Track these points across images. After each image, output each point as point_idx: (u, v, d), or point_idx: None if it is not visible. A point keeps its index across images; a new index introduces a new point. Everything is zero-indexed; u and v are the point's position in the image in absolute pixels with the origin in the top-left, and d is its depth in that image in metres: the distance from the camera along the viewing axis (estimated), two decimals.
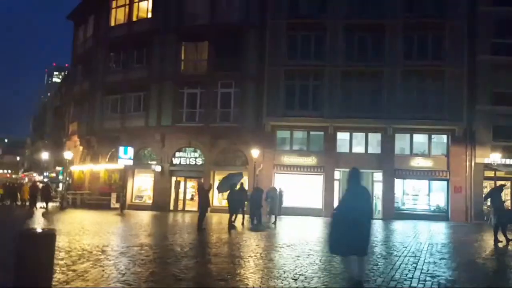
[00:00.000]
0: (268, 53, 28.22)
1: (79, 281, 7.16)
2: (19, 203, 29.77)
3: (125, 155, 27.74)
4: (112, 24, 33.46)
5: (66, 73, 58.01)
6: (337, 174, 27.13)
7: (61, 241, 11.90)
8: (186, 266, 8.96)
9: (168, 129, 29.36)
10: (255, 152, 25.88)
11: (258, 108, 28.03)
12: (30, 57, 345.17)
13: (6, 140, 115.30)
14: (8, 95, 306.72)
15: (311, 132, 28.27)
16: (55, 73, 76.45)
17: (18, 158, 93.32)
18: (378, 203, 26.47)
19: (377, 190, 26.80)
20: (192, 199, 28.56)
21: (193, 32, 29.64)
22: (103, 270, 8.10)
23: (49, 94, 75.75)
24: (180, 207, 29.23)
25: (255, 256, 10.57)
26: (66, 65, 69.09)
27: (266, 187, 22.38)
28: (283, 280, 7.71)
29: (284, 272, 8.38)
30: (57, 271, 7.75)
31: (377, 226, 20.20)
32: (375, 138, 27.64)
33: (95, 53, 34.05)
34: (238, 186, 18.28)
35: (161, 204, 28.31)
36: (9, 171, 77.06)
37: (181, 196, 29.68)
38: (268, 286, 7.25)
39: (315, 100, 27.78)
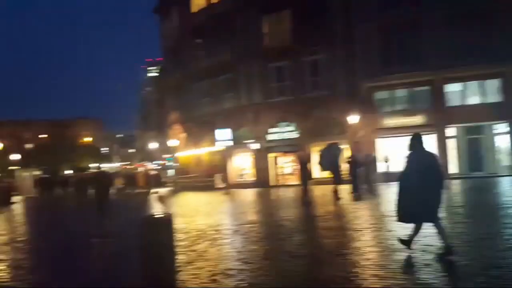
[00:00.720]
0: (356, 9, 26.70)
1: (201, 261, 7.59)
2: (137, 190, 32.54)
3: (223, 137, 28.81)
4: (194, 10, 34.42)
5: (160, 66, 61.31)
6: (450, 131, 25.29)
7: (179, 223, 12.84)
8: (300, 242, 9.05)
9: (260, 106, 29.80)
10: (352, 118, 25.08)
11: (350, 72, 26.84)
12: (126, 54, 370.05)
13: (121, 135, 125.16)
14: (115, 92, 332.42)
15: (415, 89, 26.27)
16: (151, 68, 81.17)
17: (132, 150, 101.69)
18: (503, 159, 24.30)
19: (502, 143, 24.49)
20: (291, 173, 28.86)
21: (273, 2, 29.24)
22: (220, 249, 8.60)
23: (148, 88, 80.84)
24: (280, 182, 29.75)
25: (370, 227, 10.10)
26: (157, 59, 72.92)
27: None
28: (411, 252, 6.89)
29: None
30: (179, 252, 8.37)
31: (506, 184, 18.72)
32: (493, 85, 25.01)
33: (182, 42, 35.48)
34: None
35: (262, 180, 29.08)
36: (127, 162, 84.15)
37: (280, 171, 30.19)
38: (393, 260, 6.71)
39: (415, 52, 25.24)
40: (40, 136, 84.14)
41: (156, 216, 6.40)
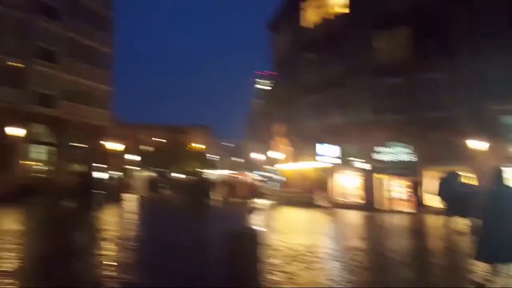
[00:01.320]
0: (483, 25, 24.34)
1: (289, 284, 7.20)
2: (238, 199, 33.06)
3: (326, 153, 28.06)
4: (307, 25, 34.58)
5: (269, 79, 62.55)
6: None
7: (273, 239, 12.55)
8: (405, 278, 8.25)
9: (369, 123, 28.53)
10: (477, 144, 22.71)
11: (474, 92, 24.47)
12: (239, 64, 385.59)
13: (231, 144, 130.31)
14: (228, 104, 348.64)
15: None
16: (261, 80, 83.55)
17: (238, 159, 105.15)
18: None
19: None
20: (403, 199, 26.96)
21: (389, 18, 28.04)
22: (313, 275, 8.04)
23: (256, 100, 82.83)
24: (388, 206, 28.04)
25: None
26: (266, 71, 74.63)
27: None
28: None
29: None
30: (269, 271, 7.98)
31: None
32: None
33: (293, 56, 35.74)
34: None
35: (367, 203, 27.70)
36: (233, 171, 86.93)
37: (387, 194, 28.46)
38: None
39: None
40: (155, 139, 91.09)
41: (240, 230, 6.29)
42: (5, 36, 28.61)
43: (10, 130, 26.08)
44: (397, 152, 28.25)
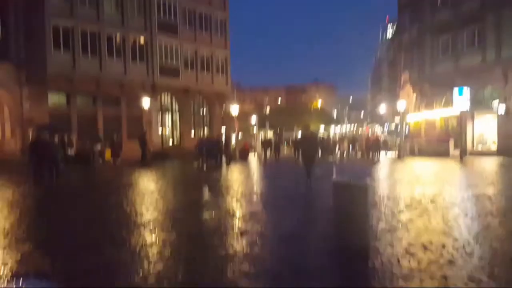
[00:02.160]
0: None
1: (402, 231, 6.74)
2: (359, 154, 32.06)
3: (461, 98, 25.32)
4: None
5: (394, 24, 58.20)
6: None
7: (394, 190, 11.88)
8: None
9: (511, 62, 24.84)
10: None
11: None
12: (365, 14, 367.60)
13: (351, 98, 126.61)
14: (347, 57, 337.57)
15: None
16: (389, 25, 78.00)
17: (362, 113, 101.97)
18: None
19: None
20: None
21: None
22: (428, 221, 7.34)
23: (381, 48, 78.27)
24: None
25: None
26: (389, 16, 69.55)
27: None
28: None
29: None
30: (383, 220, 7.59)
31: None
32: None
33: None
34: None
35: (507, 149, 24.52)
36: (355, 125, 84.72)
37: None
38: None
39: None
40: (276, 100, 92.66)
41: (348, 183, 5.87)
42: (129, 13, 30.97)
43: (143, 102, 28.58)
44: None
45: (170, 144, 34.21)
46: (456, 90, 25.86)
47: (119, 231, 7.08)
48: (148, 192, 12.38)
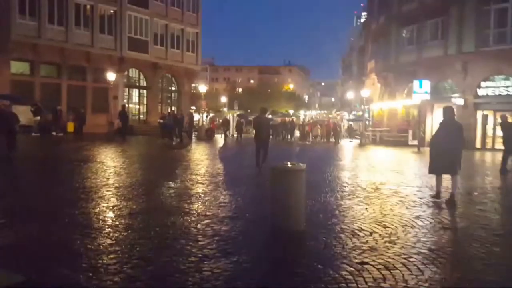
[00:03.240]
0: None
1: (338, 217, 7.13)
2: (322, 139, 32.79)
3: (421, 89, 26.13)
4: None
5: (365, 13, 58.76)
6: None
7: (343, 177, 12.35)
8: (462, 214, 7.72)
9: (471, 55, 25.75)
10: None
11: None
12: (340, 1, 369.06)
13: (322, 84, 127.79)
14: (321, 42, 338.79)
15: None
16: (363, 13, 78.44)
17: (332, 99, 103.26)
18: None
19: None
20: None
21: None
22: (365, 209, 7.76)
23: (355, 35, 78.97)
24: (489, 145, 25.73)
25: None
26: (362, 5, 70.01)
27: None
28: None
29: None
30: (324, 206, 7.97)
31: None
32: None
33: None
34: None
35: (465, 141, 25.53)
36: (325, 111, 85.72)
37: (489, 132, 26.02)
38: None
39: None
40: (249, 81, 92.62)
41: (285, 167, 6.14)
42: None
43: (108, 75, 28.11)
44: (501, 86, 25.37)
45: (136, 119, 33.88)
46: (416, 82, 26.59)
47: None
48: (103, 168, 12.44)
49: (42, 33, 27.20)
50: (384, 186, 10.46)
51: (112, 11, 31.14)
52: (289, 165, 6.24)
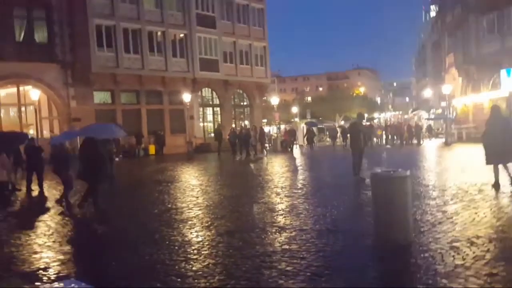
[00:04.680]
0: None
1: (447, 224, 6.57)
2: (403, 142, 31.30)
3: (509, 79, 24.05)
4: None
5: (437, 6, 55.89)
6: None
7: (439, 179, 11.58)
8: None
9: None
10: None
11: None
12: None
13: (394, 84, 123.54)
14: (389, 41, 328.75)
15: None
16: (432, 7, 74.96)
17: (407, 99, 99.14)
18: None
19: None
20: None
21: None
22: (475, 213, 7.10)
23: (427, 30, 75.55)
24: None
25: None
26: None
27: None
28: None
29: None
30: (428, 212, 7.45)
31: None
32: None
33: None
34: None
35: None
36: (400, 112, 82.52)
37: None
38: None
39: None
40: (318, 89, 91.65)
41: (388, 174, 5.74)
42: (168, 9, 31.41)
43: (184, 97, 29.08)
44: None
45: (212, 137, 34.62)
46: (504, 71, 24.56)
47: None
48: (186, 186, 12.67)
49: (120, 63, 28.83)
50: (487, 186, 9.58)
51: (182, 35, 32.31)
52: (392, 172, 5.82)
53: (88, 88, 27.36)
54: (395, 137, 32.50)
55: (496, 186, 9.19)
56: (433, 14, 67.14)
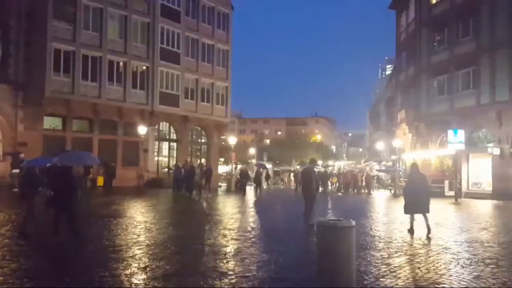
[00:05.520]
0: None
1: (390, 278, 6.52)
2: (354, 190, 31.97)
3: (455, 139, 25.39)
4: (433, 1, 31.56)
5: (392, 64, 59.08)
6: None
7: (386, 230, 11.68)
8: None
9: (505, 105, 25.03)
10: None
11: None
12: (364, 52, 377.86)
13: (350, 134, 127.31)
14: (347, 93, 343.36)
15: None
16: (388, 66, 79.35)
17: (360, 150, 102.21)
18: None
19: None
20: None
21: None
22: (418, 268, 7.12)
23: (382, 86, 79.32)
24: None
25: None
26: (388, 57, 70.83)
27: None
28: None
29: None
30: (372, 264, 7.40)
31: None
32: None
33: (418, 36, 32.93)
34: None
35: (502, 192, 24.32)
36: (353, 161, 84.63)
37: None
38: None
39: None
40: (277, 133, 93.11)
41: (333, 223, 5.65)
42: (132, 40, 31.25)
43: (139, 129, 28.51)
44: None
45: (166, 172, 33.91)
46: (451, 132, 25.92)
47: None
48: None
49: (76, 89, 28.04)
50: (431, 241, 9.73)
51: (144, 67, 32.09)
52: (337, 221, 5.74)
53: (38, 112, 26.30)
54: (348, 186, 33.17)
55: (411, 231, 10.76)
56: (388, 72, 70.86)
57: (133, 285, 5.86)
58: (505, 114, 25.20)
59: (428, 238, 10.08)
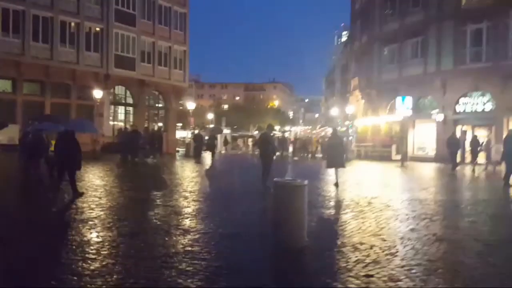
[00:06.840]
0: None
1: (338, 231, 7.32)
2: (309, 155, 33.13)
3: (403, 105, 26.78)
4: None
5: (347, 32, 60.00)
6: None
7: (333, 191, 12.53)
8: (448, 226, 7.95)
9: (449, 73, 26.59)
10: None
11: None
12: (323, 19, 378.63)
13: (306, 100, 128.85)
14: (304, 59, 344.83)
15: None
16: (343, 32, 79.99)
17: (316, 115, 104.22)
18: None
19: None
20: (480, 150, 24.95)
21: None
22: (362, 223, 7.92)
23: (337, 53, 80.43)
24: (468, 159, 26.29)
25: None
26: (344, 24, 71.72)
27: None
28: None
29: None
30: (322, 220, 8.16)
31: None
32: None
33: (372, 5, 33.71)
34: None
35: (445, 156, 26.12)
36: (309, 127, 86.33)
37: (468, 147, 26.65)
38: None
39: None
40: (235, 98, 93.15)
41: (288, 182, 6.26)
42: (85, 1, 30.09)
43: (94, 93, 27.96)
44: (478, 102, 26.18)
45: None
46: (399, 98, 27.25)
47: None
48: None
49: (26, 51, 27.00)
50: (376, 200, 10.66)
51: (98, 29, 31.12)
52: (291, 181, 6.36)
53: None
54: (303, 150, 34.26)
55: (336, 185, 13.26)
56: (344, 38, 71.85)
57: (100, 242, 6.25)
58: (449, 82, 26.75)
59: (336, 189, 12.80)
